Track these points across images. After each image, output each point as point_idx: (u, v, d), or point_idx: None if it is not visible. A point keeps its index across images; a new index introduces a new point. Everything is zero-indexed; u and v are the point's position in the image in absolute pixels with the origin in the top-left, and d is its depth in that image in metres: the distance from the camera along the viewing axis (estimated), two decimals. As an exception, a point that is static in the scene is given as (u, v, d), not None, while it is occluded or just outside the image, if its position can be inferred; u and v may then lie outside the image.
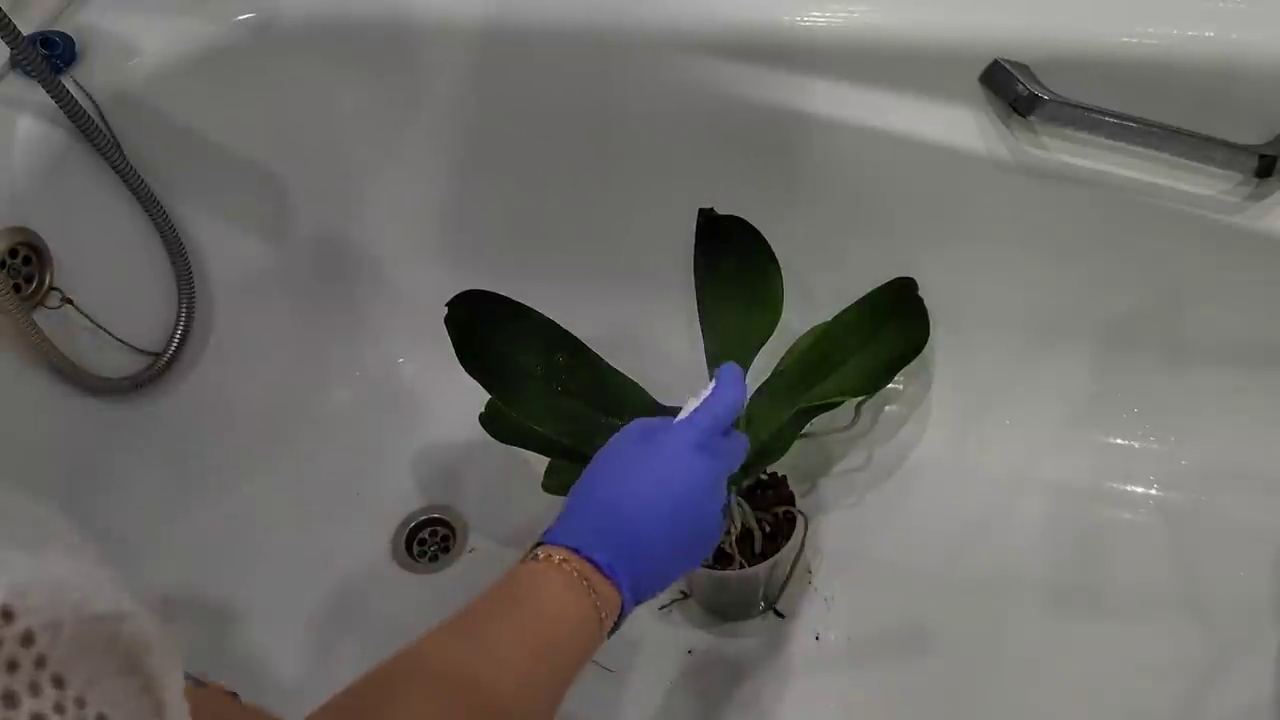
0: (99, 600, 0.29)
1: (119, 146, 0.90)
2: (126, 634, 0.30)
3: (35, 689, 0.27)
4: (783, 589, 0.92)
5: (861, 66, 0.83)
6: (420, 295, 1.07)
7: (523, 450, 0.91)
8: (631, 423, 0.64)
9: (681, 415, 0.64)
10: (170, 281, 0.97)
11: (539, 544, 0.58)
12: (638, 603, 0.59)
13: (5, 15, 0.79)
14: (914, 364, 0.91)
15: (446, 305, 0.83)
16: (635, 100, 0.91)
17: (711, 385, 0.65)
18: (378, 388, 1.12)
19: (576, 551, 0.56)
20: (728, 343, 0.86)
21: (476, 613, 0.55)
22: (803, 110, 0.86)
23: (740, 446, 0.65)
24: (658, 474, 0.60)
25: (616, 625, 0.58)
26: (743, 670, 0.89)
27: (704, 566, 0.85)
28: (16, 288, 0.84)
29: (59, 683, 0.27)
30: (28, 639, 0.27)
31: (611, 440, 0.63)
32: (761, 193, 0.91)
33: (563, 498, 0.98)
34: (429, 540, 1.03)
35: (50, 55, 0.88)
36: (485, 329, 0.83)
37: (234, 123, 0.97)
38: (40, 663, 0.27)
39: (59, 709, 0.27)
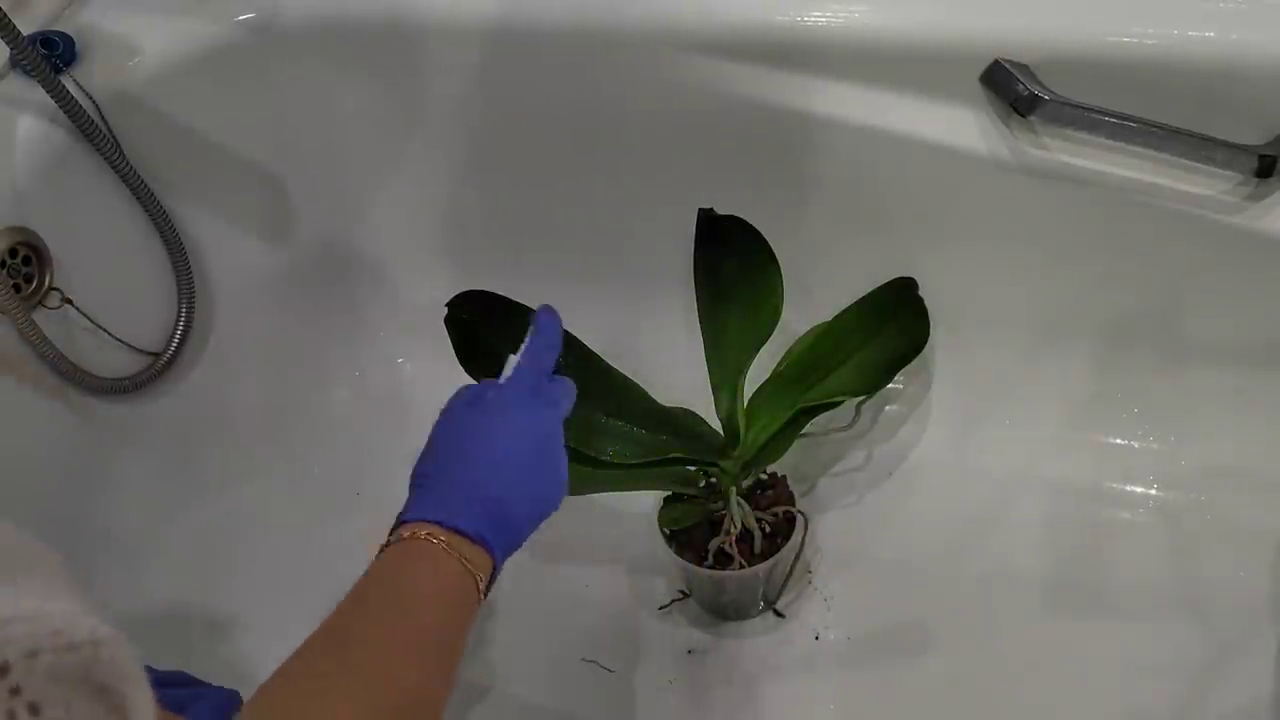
0: (76, 629, 0.30)
1: (119, 146, 0.90)
2: (103, 660, 0.30)
3: (11, 716, 0.27)
4: (783, 589, 0.92)
5: (862, 66, 0.83)
6: (420, 295, 1.08)
7: (523, 450, 0.91)
8: (458, 391, 0.65)
9: (505, 372, 0.66)
10: (170, 281, 0.97)
11: (399, 524, 0.59)
12: (506, 556, 0.60)
13: (5, 15, 0.79)
14: (914, 364, 0.91)
15: (446, 305, 0.83)
16: (635, 100, 0.91)
17: (529, 336, 0.67)
18: (378, 388, 1.12)
19: (439, 524, 0.57)
20: (728, 342, 0.87)
21: (357, 615, 0.56)
22: (803, 110, 0.86)
23: (568, 388, 0.67)
24: (496, 431, 0.61)
25: (490, 583, 0.59)
26: (743, 670, 0.89)
27: (704, 567, 0.85)
28: (16, 288, 0.84)
29: (34, 710, 0.28)
30: (3, 669, 0.28)
31: (443, 411, 0.64)
32: (761, 193, 0.91)
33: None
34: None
35: (50, 55, 0.88)
36: (485, 329, 0.83)
37: (234, 123, 0.97)
38: (15, 691, 0.28)
39: None
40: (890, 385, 0.98)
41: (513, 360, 0.66)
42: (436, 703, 0.54)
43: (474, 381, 0.69)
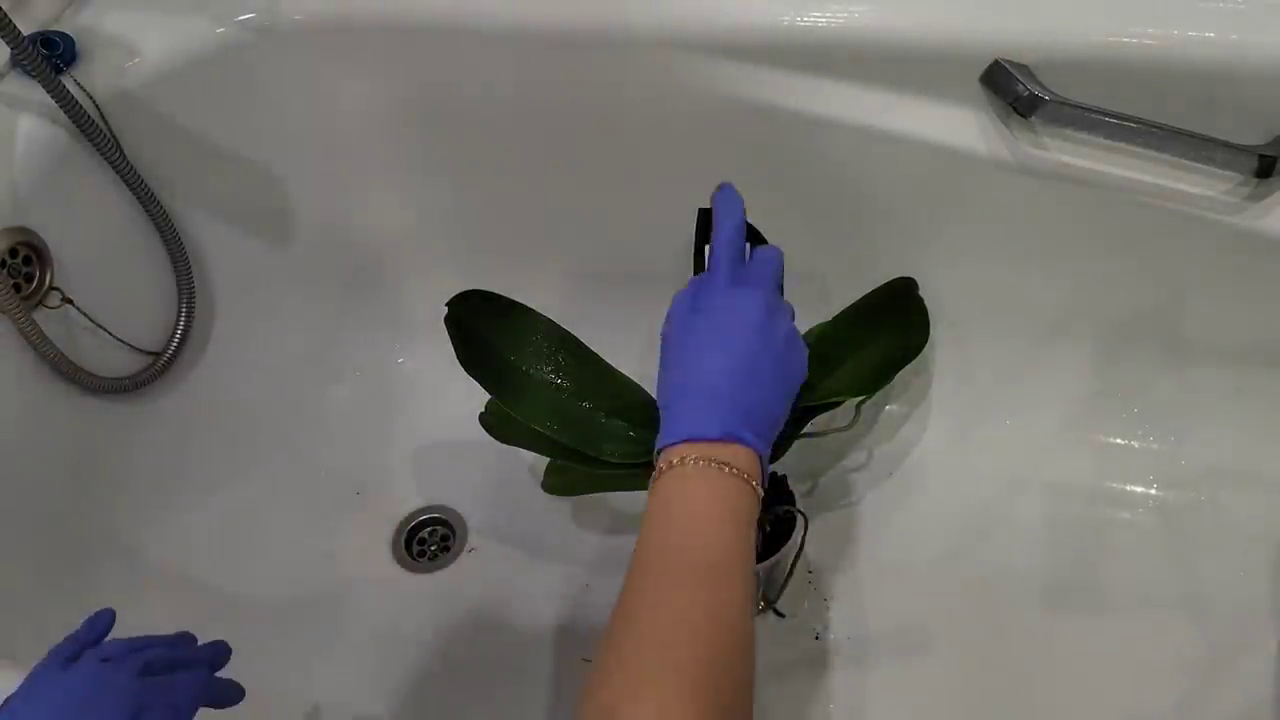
0: None
1: (119, 146, 0.90)
2: None
3: None
4: (783, 589, 0.92)
5: (861, 66, 0.83)
6: (420, 295, 1.08)
7: (523, 450, 0.91)
8: (674, 300, 0.67)
9: (708, 265, 0.68)
10: (170, 281, 0.97)
11: (658, 453, 0.61)
12: (770, 439, 0.62)
13: (6, 15, 0.79)
14: (914, 364, 0.91)
15: (446, 305, 0.83)
16: (636, 100, 0.91)
17: (714, 222, 0.68)
18: (378, 388, 1.12)
19: (693, 439, 0.59)
20: (728, 343, 0.86)
21: (656, 567, 0.56)
22: (803, 110, 0.86)
23: (770, 257, 0.68)
24: (716, 328, 0.63)
25: (764, 472, 0.61)
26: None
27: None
28: (17, 287, 0.84)
29: None
30: None
31: (668, 324, 0.66)
32: (762, 193, 0.90)
33: (563, 497, 0.99)
34: (429, 539, 1.03)
35: (51, 55, 0.88)
36: (485, 329, 0.83)
37: (234, 122, 0.97)
38: None
39: None
40: (890, 385, 0.98)
41: (707, 249, 0.68)
42: (747, 620, 0.56)
43: (478, 384, 0.70)
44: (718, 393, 0.61)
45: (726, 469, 0.58)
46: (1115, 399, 0.96)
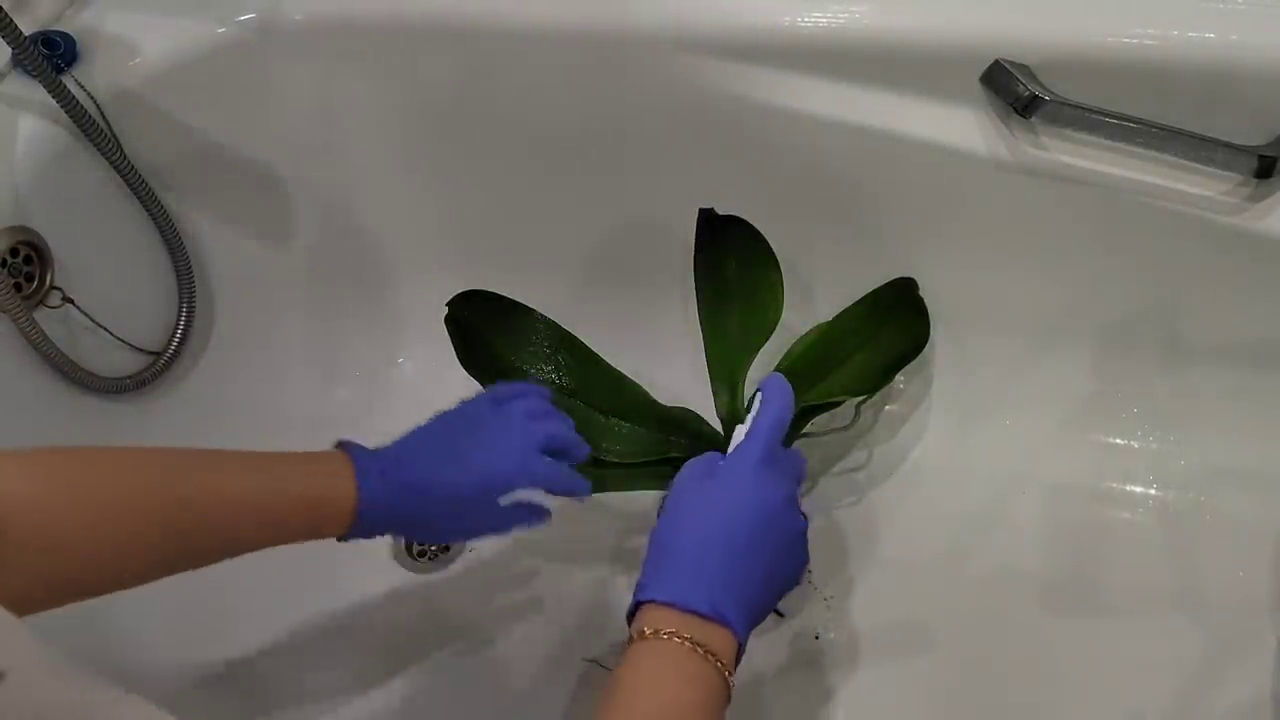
0: None
1: (120, 146, 0.91)
2: None
3: None
4: (783, 589, 0.92)
5: (862, 67, 0.83)
6: (420, 295, 1.08)
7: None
8: (688, 464, 0.64)
9: (734, 444, 0.65)
10: (171, 281, 0.97)
11: (639, 604, 0.58)
12: (748, 633, 0.60)
13: (7, 15, 0.79)
14: (914, 364, 0.91)
15: (446, 305, 0.83)
16: (635, 101, 0.91)
17: (757, 403, 0.66)
18: (378, 388, 1.12)
19: (677, 606, 0.56)
20: (728, 343, 0.87)
21: None
22: (803, 110, 0.86)
23: (801, 459, 0.67)
24: (735, 505, 0.61)
25: (737, 662, 0.59)
26: (743, 670, 0.89)
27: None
28: (17, 287, 0.84)
29: None
30: None
31: (676, 485, 0.63)
32: (762, 193, 0.91)
33: (563, 497, 0.99)
34: (429, 540, 1.03)
35: (52, 55, 0.88)
36: (485, 329, 0.83)
37: (235, 122, 0.97)
38: None
39: None
40: (890, 385, 0.98)
41: (741, 430, 0.66)
42: None
43: (478, 384, 0.69)
44: (721, 567, 0.58)
45: (708, 656, 0.56)
46: (1115, 399, 0.96)
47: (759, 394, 0.67)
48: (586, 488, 0.72)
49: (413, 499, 0.65)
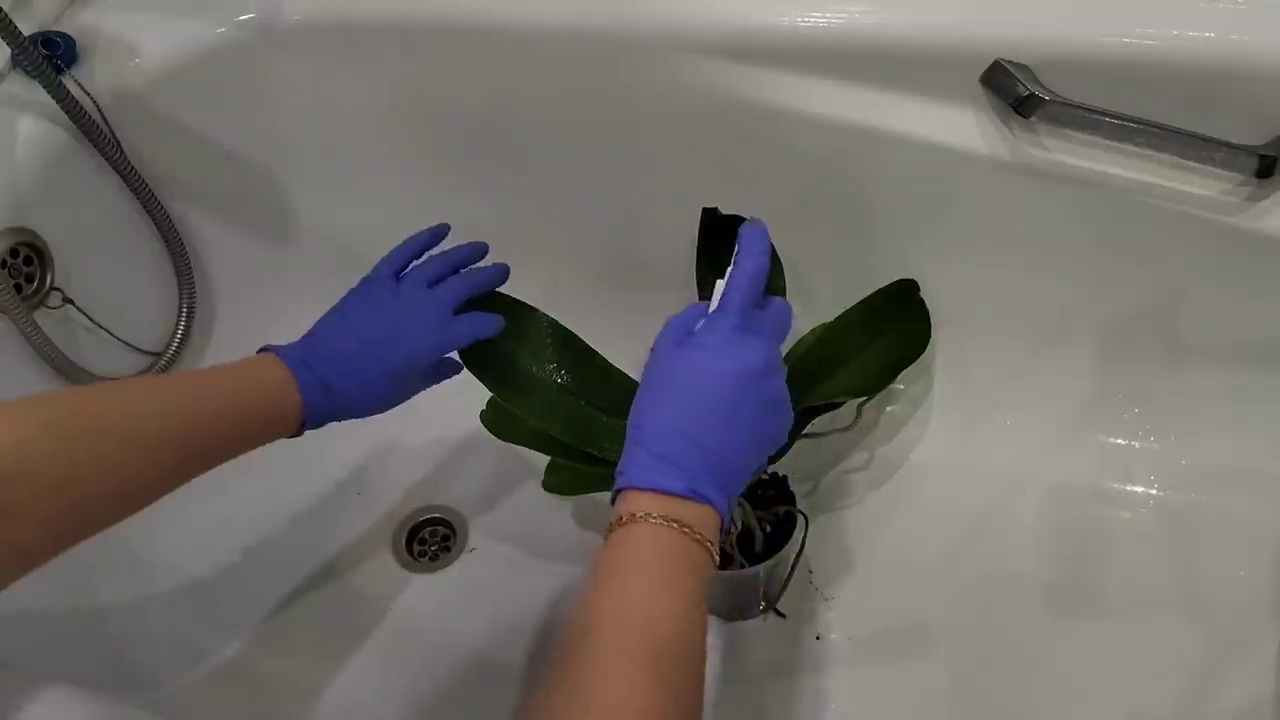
0: None
1: (120, 146, 0.91)
2: None
3: None
4: (783, 589, 0.92)
5: (862, 67, 0.83)
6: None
7: (523, 449, 0.91)
8: (666, 324, 0.62)
9: (714, 301, 0.62)
10: (171, 281, 0.97)
11: (618, 490, 0.58)
12: (731, 501, 0.59)
13: (6, 15, 0.79)
14: (915, 364, 0.91)
15: (447, 305, 0.83)
16: (637, 101, 0.91)
17: (735, 256, 0.63)
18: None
19: (656, 490, 0.56)
20: (728, 343, 0.86)
21: (608, 642, 0.52)
22: (804, 111, 0.86)
23: (783, 312, 0.63)
24: (706, 373, 0.58)
25: (722, 536, 0.58)
26: (743, 670, 0.89)
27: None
28: (18, 288, 0.84)
29: None
30: None
31: (652, 353, 0.62)
32: (762, 193, 0.91)
33: (563, 497, 0.99)
34: (429, 539, 1.03)
35: (51, 55, 0.88)
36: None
37: (234, 123, 0.97)
38: None
39: None
40: (891, 386, 0.98)
41: (720, 285, 0.62)
42: (695, 710, 0.52)
43: (479, 383, 0.69)
44: (696, 442, 0.57)
45: (687, 532, 0.55)
46: (1115, 399, 0.96)
47: (737, 243, 0.63)
48: (498, 274, 0.79)
49: (348, 383, 0.72)
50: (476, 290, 0.78)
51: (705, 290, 0.86)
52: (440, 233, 0.81)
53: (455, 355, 0.78)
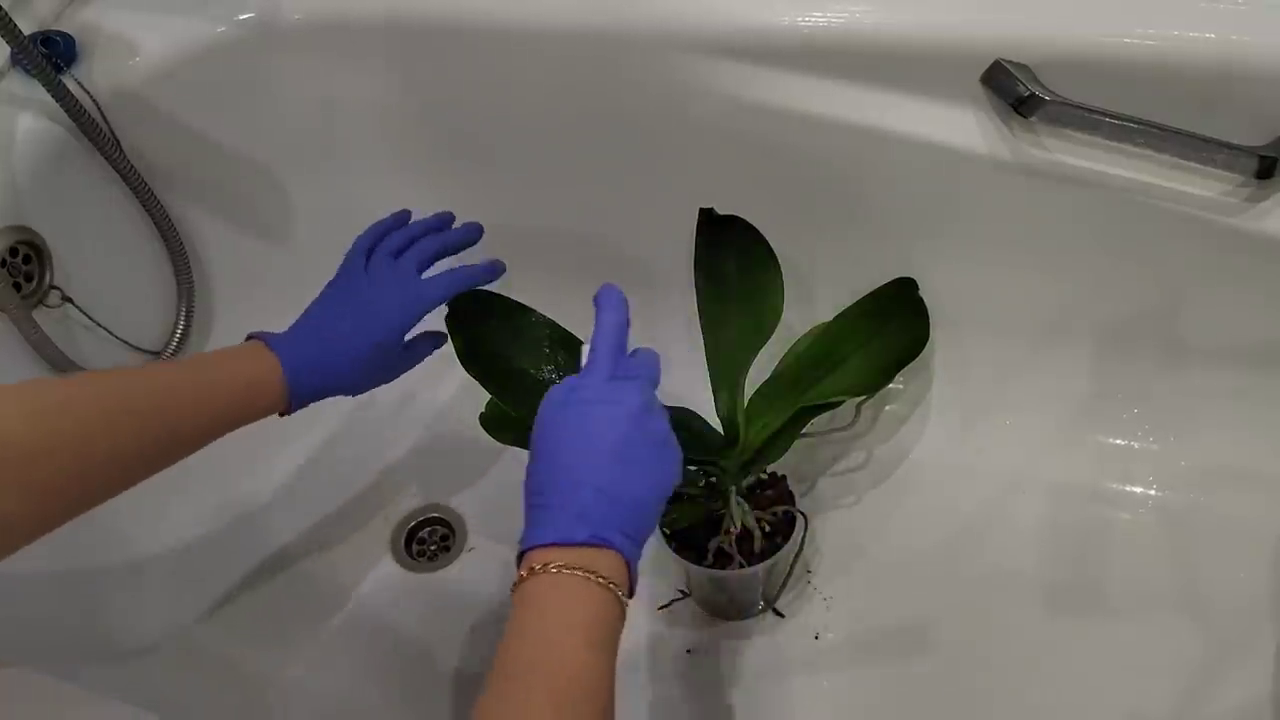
0: None
1: (119, 145, 0.90)
2: None
3: None
4: (782, 589, 0.92)
5: (862, 67, 0.83)
6: (420, 295, 1.07)
7: (523, 450, 0.90)
8: (548, 394, 0.64)
9: (585, 362, 0.65)
10: (170, 280, 0.97)
11: (522, 553, 0.58)
12: (641, 547, 0.60)
13: (6, 14, 0.79)
14: (914, 364, 0.91)
15: (447, 305, 0.83)
16: (636, 100, 0.91)
17: (596, 316, 0.67)
18: (378, 388, 1.11)
19: (559, 544, 0.56)
20: (728, 342, 0.87)
21: (515, 686, 0.53)
22: (803, 110, 0.86)
23: (651, 357, 0.66)
24: (588, 426, 0.60)
25: (633, 580, 0.58)
26: (743, 670, 0.89)
27: (704, 566, 0.85)
28: (17, 286, 0.84)
29: None
30: None
31: (537, 424, 0.63)
32: (761, 192, 0.91)
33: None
34: (428, 539, 1.03)
35: (51, 54, 0.88)
36: (486, 328, 0.83)
37: (234, 122, 0.97)
38: None
39: None
40: (890, 385, 0.98)
41: (585, 348, 0.66)
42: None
43: (478, 383, 0.70)
44: (588, 491, 0.58)
45: (591, 578, 0.55)
46: (1115, 399, 0.96)
47: (595, 306, 0.67)
48: (490, 270, 0.81)
49: (329, 361, 0.74)
50: (445, 250, 0.81)
51: (702, 294, 0.86)
52: (402, 217, 0.84)
53: (444, 328, 0.81)
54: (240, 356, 0.71)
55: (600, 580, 0.55)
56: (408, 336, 0.78)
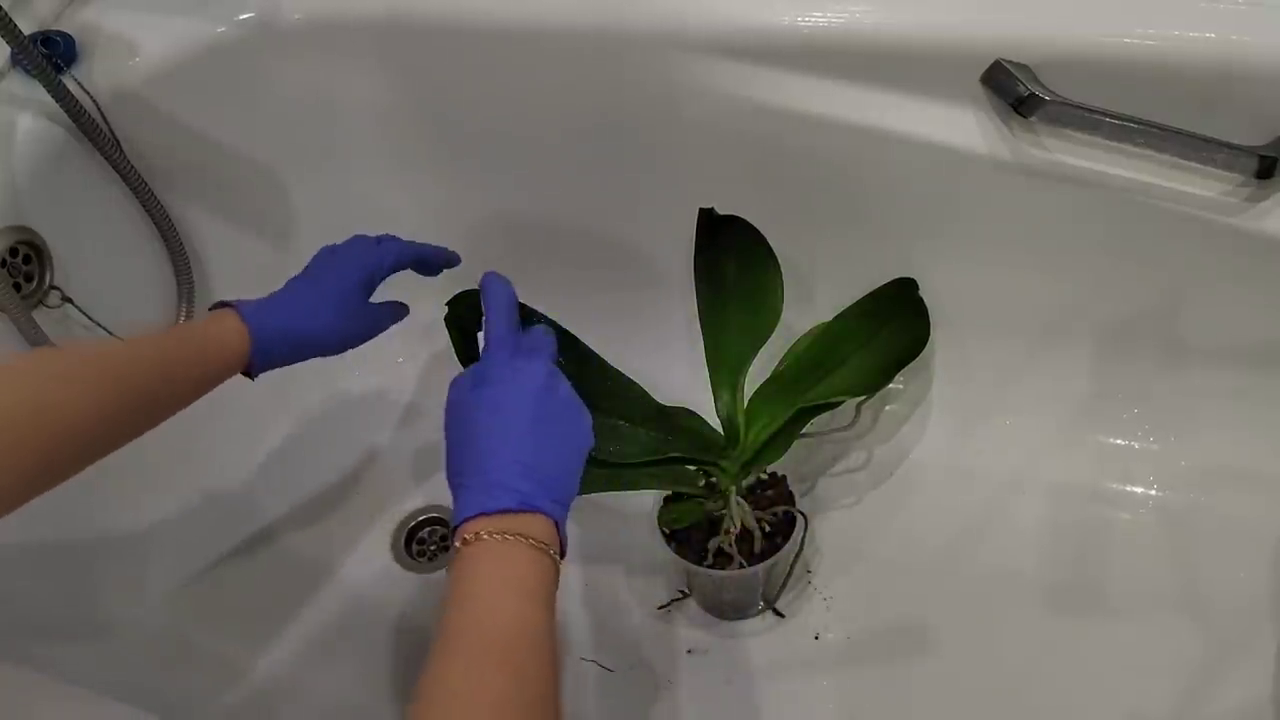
0: None
1: (119, 146, 0.90)
2: None
3: None
4: (782, 589, 0.92)
5: (862, 67, 0.83)
6: (420, 295, 1.07)
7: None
8: (454, 381, 0.66)
9: (483, 346, 0.68)
10: (170, 281, 0.97)
11: (452, 532, 0.59)
12: (567, 509, 0.62)
13: (6, 14, 0.79)
14: (914, 364, 0.91)
15: (446, 305, 0.83)
16: (636, 100, 0.91)
17: (484, 303, 0.69)
18: (378, 388, 1.12)
19: (484, 513, 0.58)
20: (728, 342, 0.87)
21: (454, 648, 0.54)
22: (803, 110, 0.86)
23: (544, 333, 0.70)
24: (494, 402, 0.62)
25: (563, 541, 0.60)
26: (743, 670, 0.89)
27: (704, 566, 0.85)
28: (17, 287, 0.84)
29: None
30: None
31: (448, 409, 0.65)
32: (761, 192, 0.91)
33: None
34: (428, 539, 1.03)
35: (51, 54, 0.88)
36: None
37: (234, 122, 0.97)
38: None
39: None
40: (890, 385, 0.98)
41: (481, 335, 0.69)
42: (551, 697, 0.54)
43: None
44: (507, 462, 0.60)
45: (522, 540, 0.57)
46: (1115, 399, 0.96)
47: (481, 292, 0.70)
48: (444, 255, 0.86)
49: (289, 303, 0.76)
50: (420, 253, 0.84)
51: (702, 294, 0.86)
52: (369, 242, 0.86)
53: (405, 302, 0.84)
54: (203, 319, 0.74)
55: (532, 542, 0.57)
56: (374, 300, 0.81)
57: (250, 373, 0.74)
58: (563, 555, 0.59)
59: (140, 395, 0.66)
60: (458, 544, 0.57)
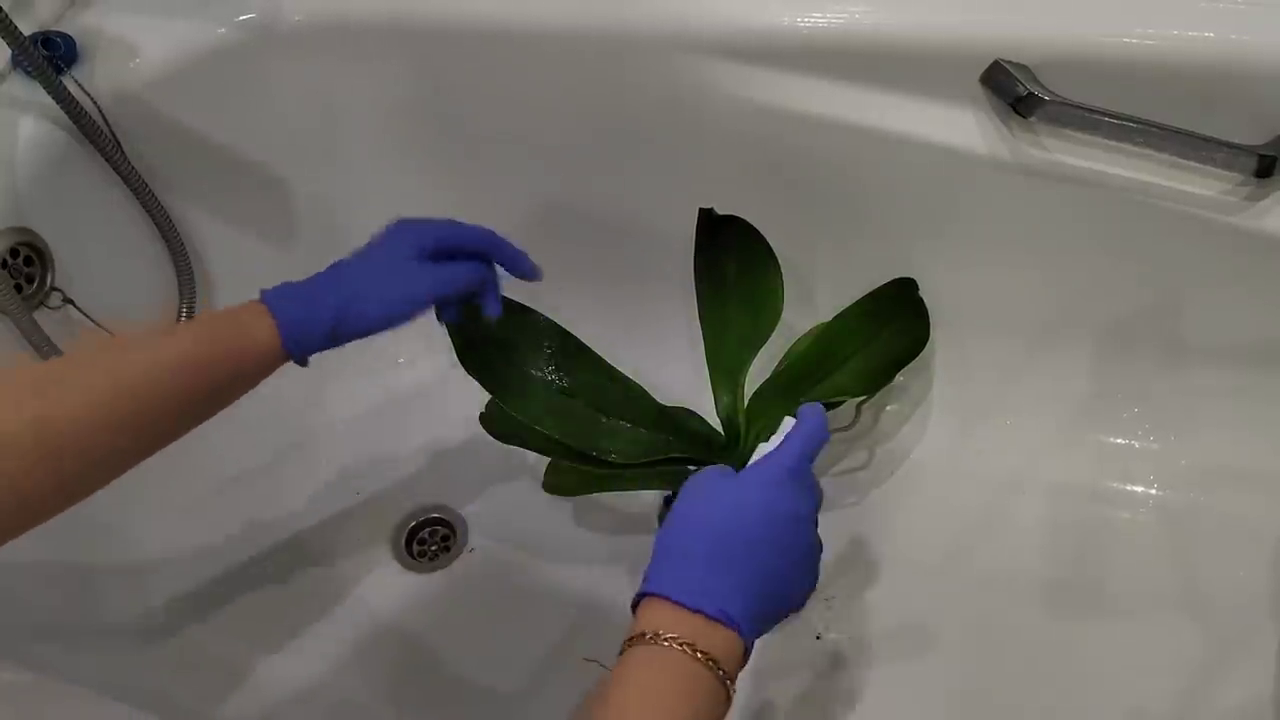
0: None
1: (120, 147, 0.91)
2: None
3: None
4: (783, 589, 0.92)
5: (861, 67, 0.83)
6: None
7: (523, 450, 0.91)
8: (702, 470, 0.62)
9: (756, 458, 0.63)
10: (171, 281, 0.97)
11: (642, 596, 0.56)
12: (754, 640, 0.57)
13: (6, 16, 0.79)
14: (914, 364, 0.91)
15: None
16: (637, 101, 0.91)
17: (795, 423, 0.64)
18: (378, 388, 1.12)
19: (683, 605, 0.54)
20: (728, 342, 0.87)
21: None
22: (803, 111, 0.86)
23: (819, 487, 0.65)
24: (753, 508, 0.58)
25: (741, 665, 0.56)
26: (743, 670, 0.89)
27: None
28: (18, 288, 0.84)
29: None
30: None
31: (689, 487, 0.60)
32: (761, 193, 0.91)
33: (563, 497, 0.99)
34: (429, 540, 1.03)
35: (51, 56, 0.88)
36: (485, 328, 0.83)
37: (235, 123, 0.97)
38: None
39: None
40: (890, 385, 0.98)
41: (763, 448, 0.64)
42: None
43: (478, 384, 0.69)
44: (732, 568, 0.55)
45: (708, 662, 0.52)
46: (1115, 399, 0.96)
47: (798, 416, 0.65)
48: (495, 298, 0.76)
49: (326, 294, 0.72)
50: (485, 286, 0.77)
51: (702, 294, 0.86)
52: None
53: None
54: (229, 309, 0.70)
55: (719, 672, 0.53)
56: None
57: (296, 358, 0.71)
58: (732, 691, 0.54)
59: (168, 401, 0.64)
60: (641, 627, 0.54)
